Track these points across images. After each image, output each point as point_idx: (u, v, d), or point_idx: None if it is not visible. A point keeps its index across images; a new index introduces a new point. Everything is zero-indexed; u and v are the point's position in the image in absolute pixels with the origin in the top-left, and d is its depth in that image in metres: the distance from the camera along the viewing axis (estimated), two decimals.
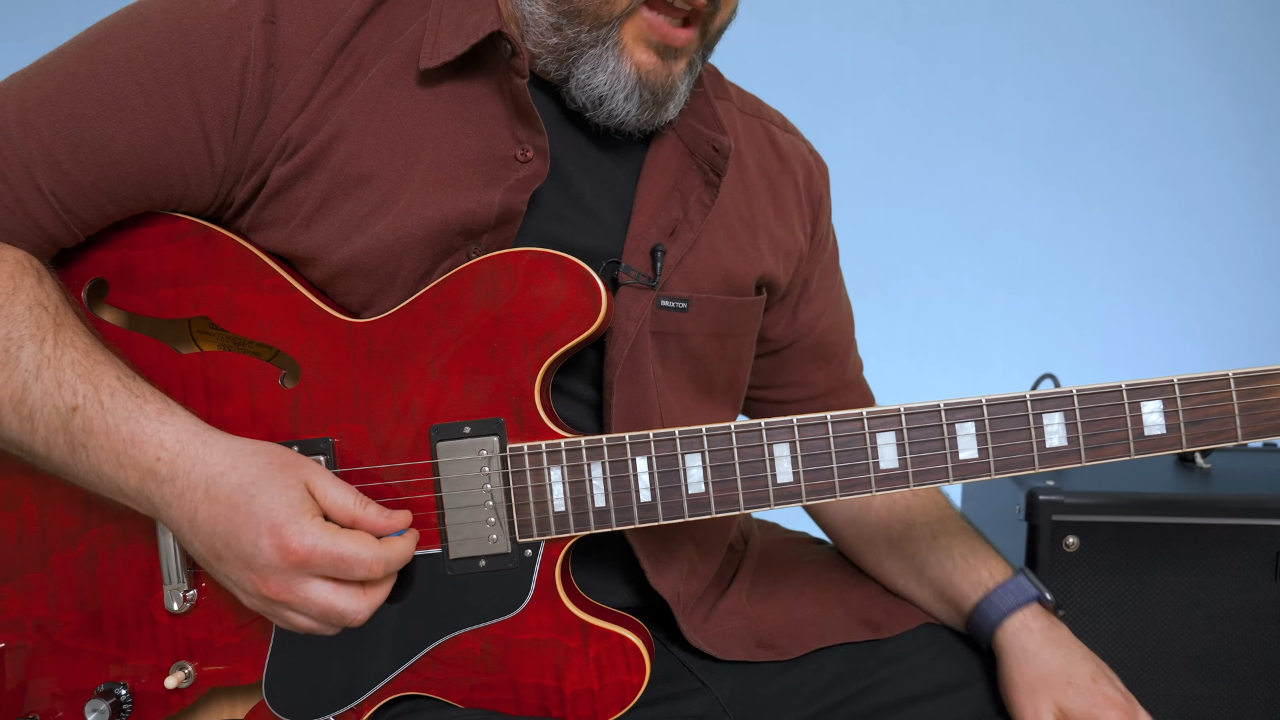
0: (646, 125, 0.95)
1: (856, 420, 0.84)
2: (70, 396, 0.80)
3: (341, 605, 0.80)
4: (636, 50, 0.90)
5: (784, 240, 1.07)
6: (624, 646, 0.87)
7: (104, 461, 0.80)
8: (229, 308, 0.89)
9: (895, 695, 0.95)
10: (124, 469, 0.80)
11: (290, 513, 0.79)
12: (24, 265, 0.85)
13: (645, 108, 0.92)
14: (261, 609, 0.82)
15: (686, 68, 0.94)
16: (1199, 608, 1.48)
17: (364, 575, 0.80)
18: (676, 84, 0.93)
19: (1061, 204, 2.55)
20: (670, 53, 0.91)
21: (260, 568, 0.78)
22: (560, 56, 0.92)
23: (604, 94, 0.91)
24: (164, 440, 0.80)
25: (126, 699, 0.90)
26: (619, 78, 0.90)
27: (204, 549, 0.80)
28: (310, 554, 0.78)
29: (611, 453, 0.86)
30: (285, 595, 0.79)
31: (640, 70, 0.90)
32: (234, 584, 0.81)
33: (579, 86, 0.91)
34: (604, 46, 0.89)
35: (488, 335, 0.87)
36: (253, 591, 0.80)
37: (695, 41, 0.92)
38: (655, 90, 0.91)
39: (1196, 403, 0.83)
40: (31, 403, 0.81)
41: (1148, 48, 2.52)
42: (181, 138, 0.86)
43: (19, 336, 0.81)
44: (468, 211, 0.89)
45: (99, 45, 0.87)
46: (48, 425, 0.81)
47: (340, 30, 0.90)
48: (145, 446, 0.80)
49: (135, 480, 0.80)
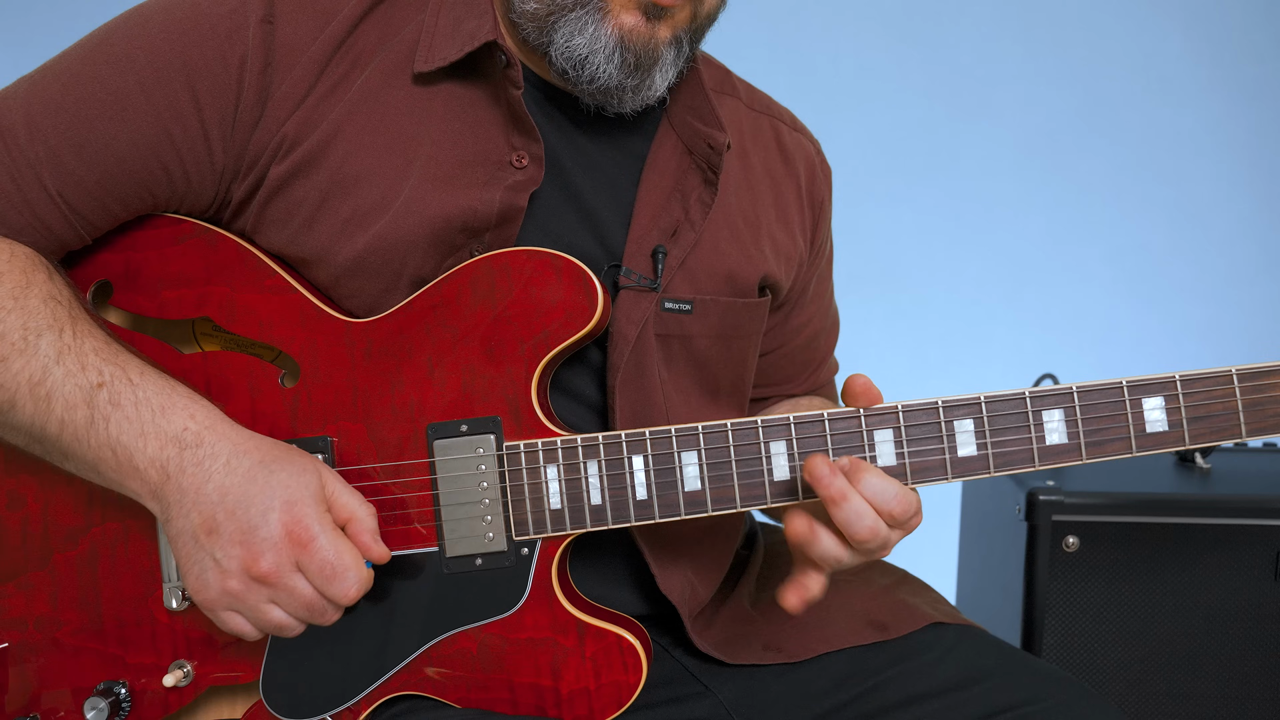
0: (633, 96, 0.94)
1: (854, 418, 0.84)
2: (95, 375, 0.81)
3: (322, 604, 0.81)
4: (622, 14, 0.90)
5: (784, 244, 1.07)
6: (621, 646, 0.87)
7: (124, 431, 0.80)
8: (231, 308, 0.90)
9: (901, 694, 0.94)
10: (146, 437, 0.80)
11: (306, 494, 0.80)
12: (35, 261, 0.86)
13: (628, 72, 0.91)
14: (236, 595, 0.80)
15: (671, 40, 0.93)
16: (1199, 608, 1.49)
17: (338, 593, 0.80)
18: (659, 50, 0.92)
19: (1061, 204, 2.55)
20: (656, 11, 0.90)
21: (259, 540, 0.78)
22: (540, 23, 0.91)
23: (584, 55, 0.90)
24: (195, 413, 0.82)
25: (126, 697, 0.90)
26: (599, 39, 0.89)
27: (199, 520, 0.79)
28: (313, 540, 0.79)
29: (607, 451, 0.86)
30: (274, 578, 0.79)
31: (621, 30, 0.90)
32: (216, 562, 0.79)
33: (559, 51, 0.91)
34: (585, 9, 0.89)
35: (485, 334, 0.87)
36: (237, 569, 0.79)
37: (685, 14, 0.92)
38: (638, 53, 0.91)
39: (1199, 399, 0.82)
40: (51, 383, 0.81)
41: (1148, 48, 2.51)
42: (182, 135, 0.88)
43: (37, 325, 0.82)
44: (469, 209, 0.90)
45: (101, 47, 0.88)
46: (66, 403, 0.81)
47: (337, 29, 0.90)
48: (175, 415, 0.81)
49: (155, 448, 0.80)
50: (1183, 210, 2.54)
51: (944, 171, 2.55)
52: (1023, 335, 2.53)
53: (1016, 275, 2.56)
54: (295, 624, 0.82)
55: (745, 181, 1.05)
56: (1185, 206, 2.54)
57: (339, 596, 0.80)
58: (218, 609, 0.81)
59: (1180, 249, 2.54)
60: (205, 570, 0.80)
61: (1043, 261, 2.56)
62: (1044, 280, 2.56)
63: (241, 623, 0.82)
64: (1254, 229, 2.53)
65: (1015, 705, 0.91)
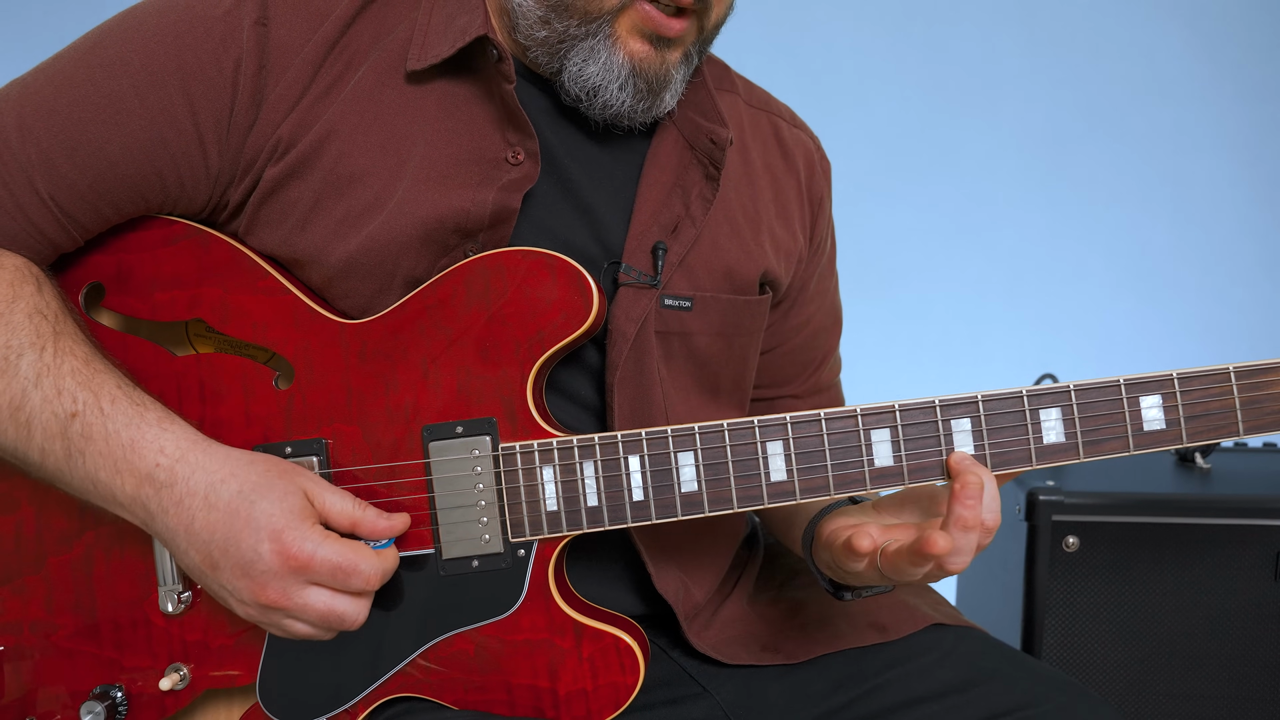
0: (643, 117, 0.95)
1: (851, 417, 0.84)
2: (70, 403, 0.80)
3: (342, 608, 0.80)
4: (630, 41, 0.90)
5: (784, 241, 1.07)
6: (618, 647, 0.87)
7: (100, 468, 0.80)
8: (224, 310, 0.89)
9: (900, 696, 0.94)
10: (121, 475, 0.80)
11: (291, 518, 0.79)
12: (24, 273, 0.85)
13: (640, 97, 0.92)
14: (257, 618, 0.82)
15: (681, 58, 0.94)
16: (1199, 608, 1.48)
17: (360, 586, 0.80)
18: (671, 74, 0.93)
19: (1061, 204, 2.55)
20: (664, 42, 0.91)
21: (259, 574, 0.78)
22: (551, 49, 0.92)
23: (597, 85, 0.91)
24: (164, 446, 0.80)
25: (122, 701, 0.90)
26: (612, 68, 0.90)
27: (199, 558, 0.80)
28: (310, 559, 0.78)
29: (604, 451, 0.86)
30: (283, 602, 0.79)
31: (634, 59, 0.90)
32: (229, 593, 0.81)
33: (572, 79, 0.91)
34: (596, 39, 0.89)
35: (480, 335, 0.87)
36: (249, 600, 0.80)
37: (691, 33, 0.92)
38: (650, 80, 0.91)
39: (1196, 397, 0.82)
40: (30, 409, 0.81)
41: (1148, 48, 2.51)
42: (176, 139, 0.87)
43: (18, 344, 0.81)
44: (462, 210, 0.89)
45: (95, 50, 0.88)
46: (45, 432, 0.81)
47: (330, 30, 0.90)
48: (145, 452, 0.80)
49: (132, 486, 0.80)
50: (1183, 210, 2.54)
51: (944, 171, 2.55)
52: (1022, 335, 2.52)
53: (1016, 275, 2.56)
54: (320, 634, 0.83)
55: (745, 177, 1.05)
56: (1185, 206, 2.54)
57: (363, 587, 0.81)
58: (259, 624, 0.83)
59: (1180, 249, 2.53)
60: (226, 598, 0.82)
61: (1043, 261, 2.55)
62: (1044, 280, 2.55)
63: (278, 632, 0.83)
64: (1254, 229, 2.53)
65: (1015, 708, 0.90)
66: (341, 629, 0.82)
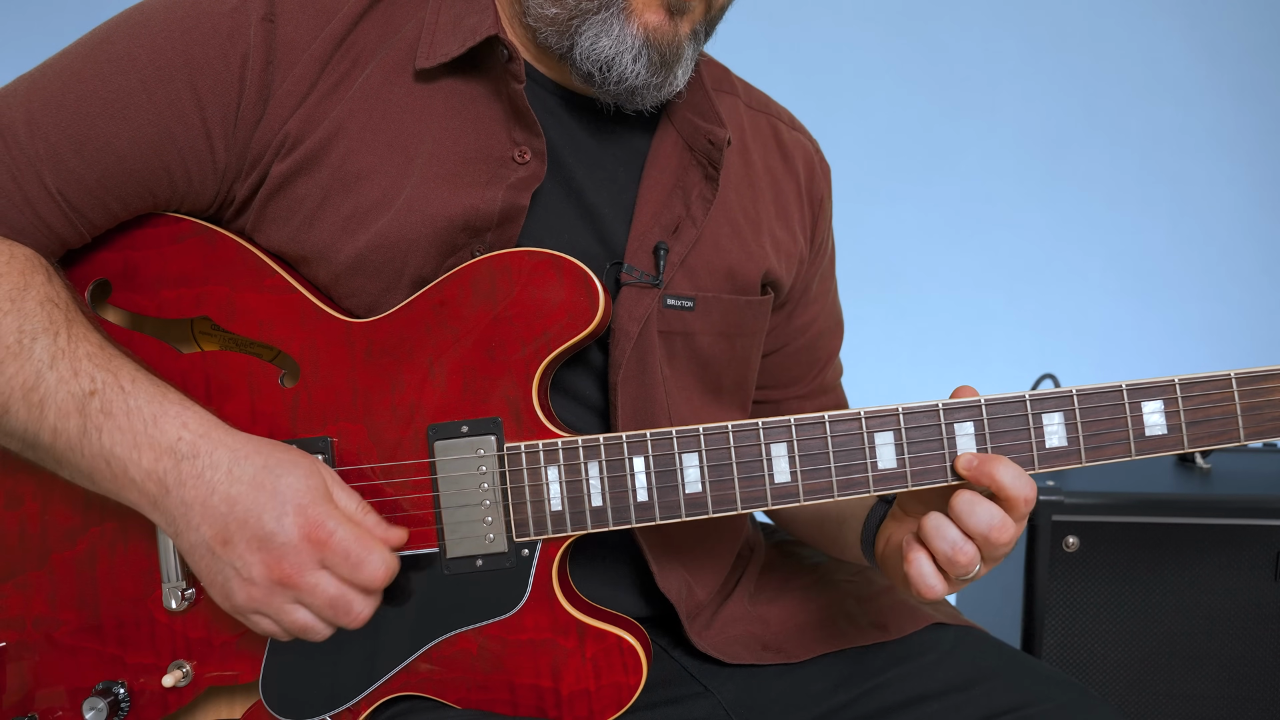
0: (655, 94, 0.95)
1: (854, 420, 0.84)
2: (88, 382, 0.81)
3: (352, 596, 0.80)
4: (646, 12, 0.90)
5: (785, 242, 1.07)
6: (621, 647, 0.87)
7: (117, 443, 0.80)
8: (230, 308, 0.90)
9: (901, 696, 0.94)
10: (139, 448, 0.80)
11: (315, 495, 0.80)
12: (34, 263, 0.86)
13: (654, 70, 0.92)
14: (259, 600, 0.80)
15: (691, 34, 0.94)
16: (1199, 608, 1.49)
17: (367, 579, 0.80)
18: (683, 45, 0.93)
19: (1061, 204, 2.55)
20: (680, 7, 0.91)
21: (277, 545, 0.78)
22: (561, 27, 0.91)
23: (610, 57, 0.90)
24: (187, 421, 0.81)
25: (124, 697, 0.90)
26: (625, 40, 0.90)
27: (211, 533, 0.79)
28: (330, 537, 0.79)
29: (608, 452, 0.86)
30: (296, 578, 0.78)
31: (647, 29, 0.90)
32: (236, 571, 0.79)
33: (584, 55, 0.91)
34: (609, 11, 0.89)
35: (486, 335, 0.87)
36: (259, 576, 0.78)
37: (701, 6, 0.93)
38: (663, 51, 0.91)
39: (1198, 403, 0.82)
40: (44, 389, 0.81)
41: (1148, 48, 2.51)
42: (184, 134, 0.87)
43: (32, 329, 0.82)
44: (471, 208, 0.89)
45: (102, 45, 0.88)
46: (59, 410, 0.80)
47: (337, 27, 0.90)
48: (168, 425, 0.80)
49: (149, 460, 0.79)
50: (1183, 210, 2.54)
51: (944, 171, 2.55)
52: (1023, 335, 2.53)
53: (1016, 275, 2.56)
54: (321, 625, 0.82)
55: (746, 179, 1.05)
56: (1185, 206, 2.54)
57: (369, 580, 0.80)
58: (246, 614, 0.82)
59: (1180, 249, 2.54)
60: (228, 580, 0.80)
61: (1043, 261, 2.56)
62: (1044, 280, 2.56)
63: (270, 625, 0.82)
64: (1254, 229, 2.53)
65: (1015, 707, 0.91)
66: (345, 623, 0.81)
